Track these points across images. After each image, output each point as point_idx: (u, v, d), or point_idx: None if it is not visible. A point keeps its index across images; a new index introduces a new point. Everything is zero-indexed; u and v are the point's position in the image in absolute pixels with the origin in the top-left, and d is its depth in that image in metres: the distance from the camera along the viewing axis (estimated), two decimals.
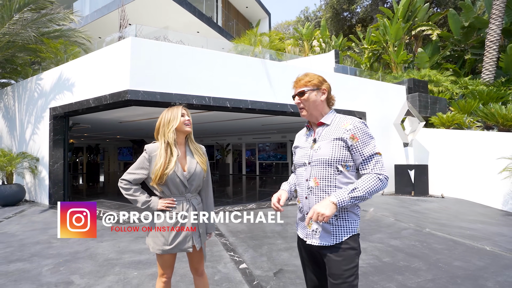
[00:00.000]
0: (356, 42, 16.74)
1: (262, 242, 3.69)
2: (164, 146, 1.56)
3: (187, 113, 1.66)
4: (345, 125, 1.33)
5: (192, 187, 1.63)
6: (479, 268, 2.86)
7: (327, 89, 1.44)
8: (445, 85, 11.19)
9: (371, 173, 1.25)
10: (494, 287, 2.45)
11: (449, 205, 6.26)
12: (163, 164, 1.50)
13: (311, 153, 1.37)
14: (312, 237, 1.32)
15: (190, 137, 1.70)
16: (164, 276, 1.65)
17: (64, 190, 6.69)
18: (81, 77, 6.12)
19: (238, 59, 6.37)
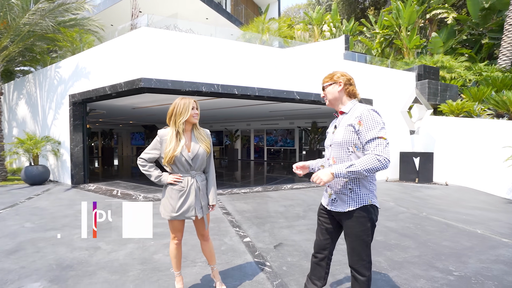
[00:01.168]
0: (368, 26, 16.29)
1: (265, 221, 4.01)
2: (175, 133, 1.86)
3: (197, 106, 1.93)
4: (356, 112, 1.57)
5: (196, 166, 1.93)
6: (466, 247, 3.08)
7: (343, 81, 1.66)
8: (458, 72, 10.93)
9: (372, 153, 1.45)
10: (475, 263, 2.68)
11: (451, 192, 6.39)
12: (172, 148, 1.83)
13: (332, 137, 1.68)
14: (331, 205, 1.65)
15: (196, 125, 1.99)
16: (175, 238, 2.01)
17: (84, 172, 7.21)
18: (97, 65, 6.44)
19: (246, 47, 6.50)
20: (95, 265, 2.57)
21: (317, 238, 1.80)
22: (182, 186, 1.89)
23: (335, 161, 1.62)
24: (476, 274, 2.45)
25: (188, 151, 1.89)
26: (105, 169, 11.60)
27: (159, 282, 2.28)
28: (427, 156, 7.52)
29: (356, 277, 1.59)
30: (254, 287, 2.21)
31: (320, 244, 1.76)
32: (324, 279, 1.78)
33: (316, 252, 1.79)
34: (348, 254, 1.62)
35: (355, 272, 1.60)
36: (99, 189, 6.48)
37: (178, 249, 2.04)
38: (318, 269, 1.78)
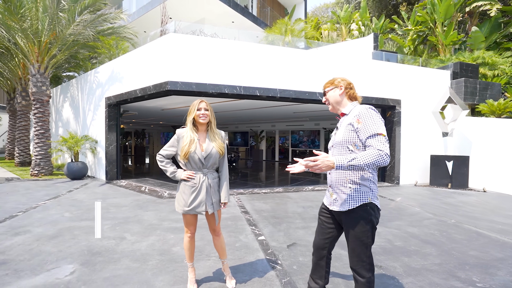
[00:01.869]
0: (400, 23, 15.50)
1: (282, 221, 4.05)
2: (190, 131, 2.02)
3: (205, 108, 2.02)
4: (355, 112, 1.60)
5: (208, 164, 2.05)
6: (496, 259, 2.86)
7: (344, 85, 1.72)
8: (503, 68, 9.99)
9: (374, 148, 1.45)
10: (504, 276, 2.49)
11: (489, 199, 5.88)
12: (187, 145, 1.97)
13: (334, 138, 1.72)
14: (333, 204, 1.68)
15: (211, 126, 2.10)
16: (188, 232, 2.14)
17: (117, 169, 7.80)
18: (130, 70, 6.95)
19: (268, 49, 6.58)
20: (120, 253, 2.82)
21: (316, 237, 1.83)
22: (194, 183, 2.02)
23: None
24: (504, 287, 2.27)
25: (202, 150, 2.01)
26: (137, 167, 12.38)
27: (174, 272, 2.44)
28: (462, 160, 6.99)
29: (357, 279, 1.59)
30: (262, 283, 2.28)
31: (319, 243, 1.79)
32: (325, 278, 1.80)
33: (315, 251, 1.82)
34: (349, 255, 1.62)
35: (355, 273, 1.60)
36: (129, 185, 6.97)
37: (191, 242, 2.15)
38: (318, 269, 1.81)
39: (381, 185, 7.42)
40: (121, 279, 2.30)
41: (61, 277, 2.32)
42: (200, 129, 2.08)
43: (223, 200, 2.11)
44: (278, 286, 2.24)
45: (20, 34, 7.45)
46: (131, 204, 4.93)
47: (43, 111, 8.17)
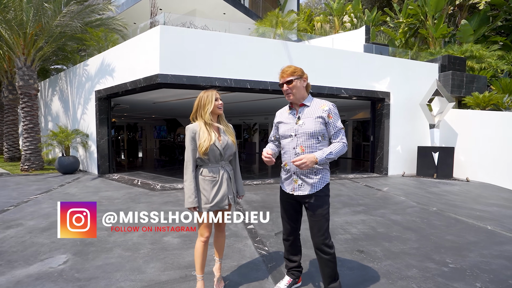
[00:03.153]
0: (392, 15, 15.57)
1: (271, 210, 4.17)
2: (204, 125, 1.88)
3: (220, 97, 1.96)
4: (323, 106, 1.80)
5: (226, 156, 1.95)
6: (469, 242, 3.04)
7: (306, 78, 1.85)
8: (489, 61, 10.22)
9: (340, 141, 1.76)
10: (475, 257, 2.66)
11: (471, 188, 6.13)
12: (207, 138, 1.84)
13: (296, 127, 1.81)
14: (298, 190, 1.81)
15: (221, 117, 2.02)
16: (203, 235, 1.91)
17: (109, 162, 7.79)
18: (119, 62, 6.88)
19: (258, 41, 6.60)
20: (112, 243, 2.90)
21: (285, 225, 1.99)
22: (214, 177, 1.89)
23: (303, 149, 1.77)
24: (473, 267, 2.44)
25: (219, 141, 1.92)
26: (129, 161, 12.36)
27: (165, 259, 2.54)
28: (448, 151, 7.22)
29: (321, 256, 1.76)
30: (249, 268, 2.40)
31: (290, 228, 1.96)
32: (300, 253, 2.04)
33: (288, 236, 1.99)
34: (313, 236, 1.79)
35: (320, 252, 1.76)
36: (122, 178, 7.00)
37: (205, 248, 1.94)
38: (294, 247, 2.01)
39: (369, 175, 7.62)
40: (113, 266, 2.39)
41: (54, 266, 2.39)
42: (213, 120, 1.97)
43: (241, 193, 2.07)
44: (264, 270, 2.37)
45: (4, 26, 7.26)
46: (123, 197, 4.99)
47: (31, 105, 8.05)
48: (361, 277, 2.25)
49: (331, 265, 1.74)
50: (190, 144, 1.87)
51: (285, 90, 1.81)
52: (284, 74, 1.80)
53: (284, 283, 2.03)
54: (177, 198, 4.88)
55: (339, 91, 7.02)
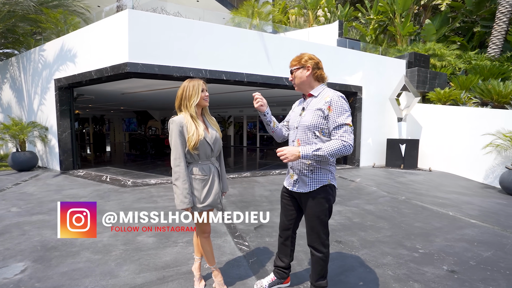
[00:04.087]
0: (363, 12, 16.06)
1: (249, 204, 4.14)
2: (190, 118, 1.73)
3: (206, 88, 1.81)
4: (326, 97, 1.61)
5: (215, 151, 1.83)
6: (435, 228, 3.26)
7: (311, 65, 1.66)
8: (449, 60, 10.99)
9: (338, 139, 1.52)
10: (441, 242, 2.86)
11: (434, 177, 6.61)
12: (195, 133, 1.69)
13: (299, 119, 1.70)
14: (293, 186, 1.73)
15: (205, 110, 1.88)
16: (205, 232, 1.86)
17: (73, 158, 7.20)
18: (83, 48, 6.29)
19: (235, 31, 6.41)
20: (79, 246, 2.66)
21: (281, 219, 1.90)
22: (204, 175, 1.77)
23: (300, 144, 1.67)
24: (439, 251, 2.62)
25: (209, 136, 1.80)
26: (97, 156, 11.57)
27: (140, 261, 2.38)
28: (413, 143, 7.70)
29: (314, 254, 1.71)
30: (230, 265, 2.34)
31: (284, 225, 1.87)
32: (291, 256, 1.91)
33: (281, 232, 1.91)
34: (307, 233, 1.73)
35: (313, 249, 1.71)
36: (88, 175, 6.51)
37: (209, 242, 1.91)
38: (284, 248, 1.91)
39: (343, 167, 7.90)
40: (81, 272, 2.19)
41: (9, 277, 2.13)
42: (197, 113, 1.82)
43: (225, 189, 1.96)
44: (246, 266, 2.32)
45: None
46: (91, 195, 4.63)
47: None
48: (341, 267, 2.30)
49: (322, 264, 1.70)
50: (179, 138, 1.69)
51: (290, 80, 1.75)
52: (290, 64, 1.73)
53: (267, 280, 1.98)
54: (150, 195, 4.64)
55: None
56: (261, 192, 4.91)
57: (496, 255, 2.57)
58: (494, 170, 6.11)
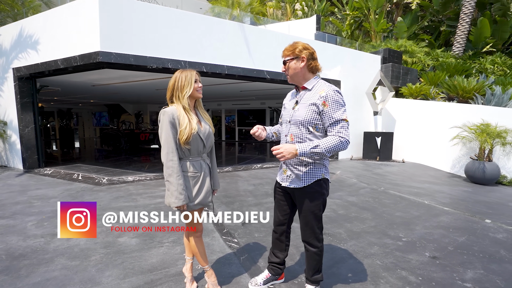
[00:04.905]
0: (339, 7, 16.36)
1: (234, 200, 4.07)
2: (182, 110, 1.63)
3: (199, 79, 1.72)
4: (321, 92, 1.54)
5: (208, 146, 1.75)
6: (414, 216, 3.44)
7: (306, 56, 1.57)
8: (419, 56, 11.57)
9: (336, 135, 1.49)
10: (420, 229, 3.01)
11: (407, 168, 6.99)
12: (188, 126, 1.60)
13: (292, 113, 1.63)
14: (286, 181, 1.68)
15: (198, 102, 1.78)
16: (198, 231, 1.80)
17: (38, 155, 6.61)
18: (47, 35, 5.72)
19: (215, 22, 6.19)
20: (52, 252, 2.43)
21: (275, 214, 1.86)
22: (195, 172, 1.68)
23: (293, 139, 1.62)
24: (421, 239, 2.75)
25: (202, 130, 1.70)
26: (64, 152, 10.76)
27: (124, 264, 2.23)
28: (388, 136, 8.06)
29: (308, 249, 1.70)
30: (221, 263, 2.27)
31: (279, 220, 1.83)
32: (285, 251, 1.89)
33: (275, 227, 1.87)
34: (302, 229, 1.71)
35: (307, 245, 1.70)
36: (57, 173, 6.03)
37: (202, 242, 1.85)
38: (279, 243, 1.87)
39: None
40: (58, 281, 2.00)
41: None
42: (190, 106, 1.72)
43: (216, 186, 1.89)
44: (237, 263, 2.27)
45: None
46: (62, 195, 4.28)
47: None
48: (332, 260, 2.33)
49: (317, 258, 1.70)
50: (171, 131, 1.58)
51: (283, 71, 1.66)
52: (283, 53, 1.63)
53: (262, 277, 1.94)
54: (128, 193, 4.39)
55: None
56: (245, 187, 4.86)
57: (469, 240, 2.75)
58: (460, 160, 6.59)
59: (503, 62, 10.23)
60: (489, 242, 2.70)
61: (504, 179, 5.68)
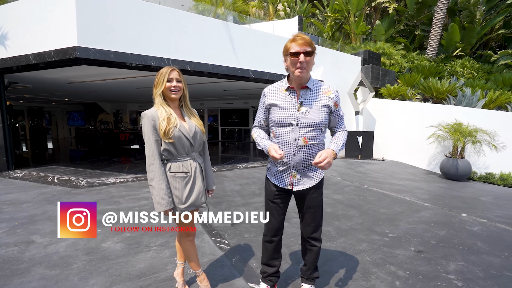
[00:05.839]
0: (320, 9, 16.69)
1: (222, 200, 4.02)
2: (160, 105, 1.60)
3: (177, 78, 1.61)
4: (328, 93, 1.57)
5: (196, 145, 1.69)
6: (398, 213, 3.57)
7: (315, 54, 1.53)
8: (396, 59, 12.07)
9: (344, 130, 1.69)
10: (404, 225, 3.13)
11: (387, 166, 7.26)
12: (166, 119, 1.55)
13: (298, 115, 1.52)
14: (297, 184, 1.64)
15: (185, 101, 1.72)
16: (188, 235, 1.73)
17: (7, 157, 6.14)
18: (16, 27, 5.33)
19: (199, 19, 6.07)
20: (28, 261, 2.26)
21: (273, 223, 1.73)
22: (186, 172, 1.62)
23: (307, 142, 1.56)
24: (405, 234, 2.86)
25: (187, 128, 1.64)
26: (36, 154, 10.10)
27: (109, 271, 2.12)
28: (369, 135, 8.33)
29: (314, 245, 1.73)
30: (213, 266, 2.22)
31: (276, 226, 1.73)
32: (281, 255, 1.85)
33: (272, 236, 1.75)
34: (308, 226, 1.71)
35: (313, 241, 1.72)
36: (29, 175, 5.64)
37: (194, 245, 1.79)
38: (276, 251, 1.79)
39: None
40: None
41: None
42: (172, 106, 1.67)
43: (211, 186, 1.84)
44: (229, 265, 2.23)
45: None
46: (35, 199, 4.00)
47: None
48: (323, 258, 2.35)
49: (318, 253, 1.77)
50: (152, 134, 1.55)
51: (300, 62, 1.43)
52: (303, 41, 1.42)
53: None
54: (110, 195, 4.20)
55: (279, 77, 7.16)
56: (231, 187, 4.81)
57: (449, 233, 2.90)
58: (435, 158, 6.95)
59: (471, 66, 10.93)
60: (467, 235, 2.86)
61: (475, 175, 6.06)
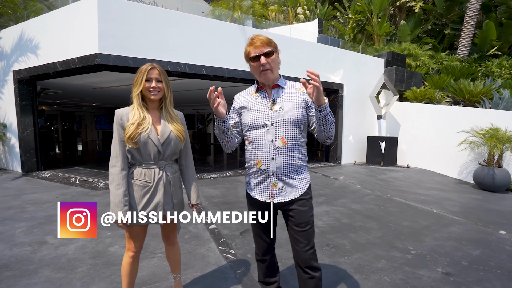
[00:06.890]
0: (341, 11, 16.29)
1: (233, 206, 3.92)
2: (135, 106, 1.48)
3: (157, 77, 1.48)
4: (302, 89, 1.44)
5: (166, 154, 1.53)
6: (423, 227, 3.25)
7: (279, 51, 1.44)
8: (423, 60, 11.40)
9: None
10: (430, 241, 2.83)
11: (412, 174, 6.78)
12: (134, 124, 1.43)
13: (272, 114, 1.39)
14: (279, 196, 1.40)
15: (165, 102, 1.55)
16: (131, 249, 1.56)
17: (37, 158, 6.53)
18: (46, 37, 5.67)
19: (216, 24, 6.10)
20: (37, 262, 2.29)
21: (259, 242, 1.56)
22: (147, 181, 1.48)
23: (286, 142, 1.38)
24: (431, 252, 2.57)
25: (157, 134, 1.49)
26: (66, 155, 10.70)
27: (111, 277, 2.08)
28: (392, 141, 7.87)
29: (313, 276, 1.40)
30: (216, 277, 2.11)
31: (266, 246, 1.55)
32: (278, 270, 1.68)
33: (263, 255, 1.58)
34: (299, 251, 1.39)
35: (310, 270, 1.39)
36: (55, 176, 5.92)
37: (134, 264, 1.58)
38: (270, 267, 1.63)
39: (325, 165, 7.90)
40: None
41: None
42: (150, 107, 1.53)
43: (194, 201, 1.67)
44: (233, 278, 2.11)
45: None
46: (56, 200, 4.16)
47: None
48: (335, 275, 2.16)
49: (320, 284, 1.41)
50: (118, 134, 1.45)
51: (262, 65, 1.34)
52: (259, 42, 1.34)
53: None
54: None
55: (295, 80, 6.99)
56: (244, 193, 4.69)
57: (484, 253, 2.57)
58: (468, 166, 6.38)
59: (510, 65, 10.03)
60: (506, 257, 2.51)
61: None
